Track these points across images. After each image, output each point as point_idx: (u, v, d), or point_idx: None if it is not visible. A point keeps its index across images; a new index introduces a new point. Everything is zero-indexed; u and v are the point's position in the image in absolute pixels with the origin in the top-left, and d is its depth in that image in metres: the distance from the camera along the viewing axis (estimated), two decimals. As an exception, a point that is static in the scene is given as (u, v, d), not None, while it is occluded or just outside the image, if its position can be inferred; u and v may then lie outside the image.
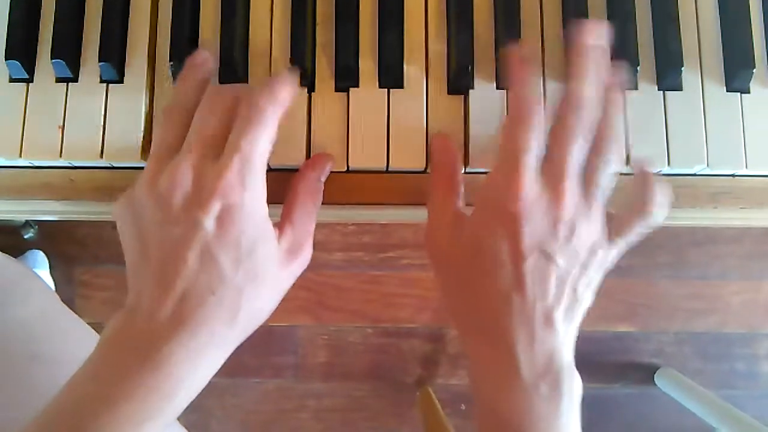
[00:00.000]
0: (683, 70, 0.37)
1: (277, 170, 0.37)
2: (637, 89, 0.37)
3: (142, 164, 0.32)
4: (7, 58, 0.36)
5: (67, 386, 0.30)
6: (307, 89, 0.37)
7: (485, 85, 0.37)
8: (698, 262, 1.19)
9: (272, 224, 0.33)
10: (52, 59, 0.36)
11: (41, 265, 1.14)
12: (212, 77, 0.36)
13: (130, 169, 0.38)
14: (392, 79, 0.37)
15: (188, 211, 0.30)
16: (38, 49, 0.37)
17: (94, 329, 0.55)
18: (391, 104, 0.37)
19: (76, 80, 0.37)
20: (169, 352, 0.29)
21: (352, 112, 0.37)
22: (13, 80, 0.37)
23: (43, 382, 0.45)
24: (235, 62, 0.36)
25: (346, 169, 0.37)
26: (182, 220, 0.30)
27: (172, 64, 0.37)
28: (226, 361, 0.32)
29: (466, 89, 0.37)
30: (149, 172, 0.32)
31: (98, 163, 0.37)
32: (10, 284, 0.51)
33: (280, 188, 0.35)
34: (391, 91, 0.37)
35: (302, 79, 0.36)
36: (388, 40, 0.37)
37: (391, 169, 0.37)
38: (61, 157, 0.36)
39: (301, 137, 0.36)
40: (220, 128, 0.32)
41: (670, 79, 0.37)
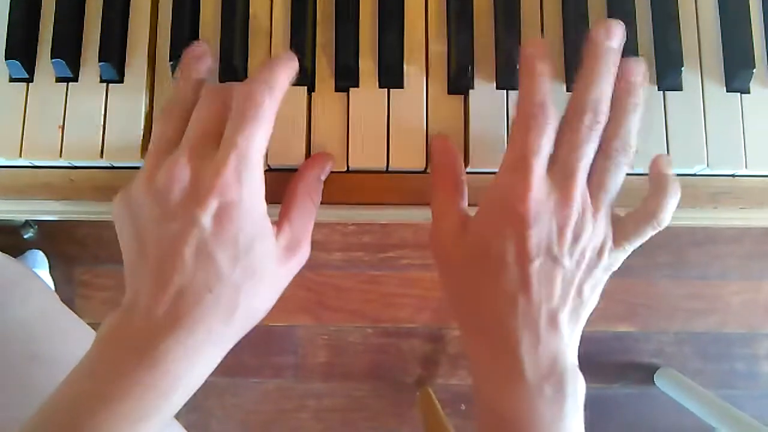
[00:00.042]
0: (683, 70, 0.37)
1: (276, 170, 0.37)
2: (637, 89, 0.37)
3: (142, 164, 0.32)
4: (7, 57, 0.36)
5: (63, 384, 0.30)
6: (307, 89, 0.37)
7: (485, 85, 0.37)
8: (698, 262, 1.19)
9: (271, 222, 0.33)
10: (52, 59, 0.36)
11: (41, 265, 1.14)
12: (212, 77, 0.36)
13: (130, 168, 0.37)
14: (392, 79, 0.37)
15: (186, 207, 0.30)
16: (38, 48, 0.37)
17: (94, 329, 0.54)
18: (391, 104, 0.37)
19: (76, 80, 0.37)
20: (166, 349, 0.29)
21: (352, 112, 0.37)
22: (13, 80, 0.37)
23: (42, 382, 0.45)
24: (235, 62, 0.36)
25: (346, 169, 0.37)
26: (180, 216, 0.30)
27: (172, 64, 0.37)
28: (225, 360, 0.32)
29: (466, 89, 0.37)
30: (147, 168, 0.32)
31: (98, 162, 0.37)
32: (9, 284, 0.51)
33: (280, 188, 0.35)
34: (391, 91, 0.37)
35: (302, 78, 0.36)
36: (388, 40, 0.37)
37: (391, 169, 0.37)
38: (61, 156, 0.36)
39: (300, 137, 0.36)
40: (218, 124, 0.31)
41: (670, 79, 0.37)
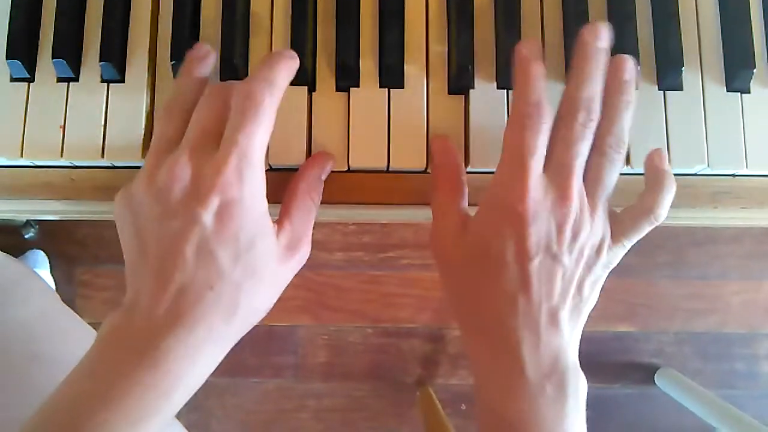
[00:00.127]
0: (683, 70, 0.37)
1: (277, 170, 0.37)
2: (637, 89, 0.37)
3: (143, 163, 0.32)
4: (8, 57, 0.36)
5: (63, 384, 0.30)
6: (307, 89, 0.37)
7: (486, 85, 0.37)
8: (698, 262, 1.19)
9: (271, 221, 0.33)
10: (53, 59, 0.36)
11: (42, 264, 1.14)
12: (213, 76, 0.36)
13: (131, 168, 0.37)
14: (393, 78, 0.37)
15: (187, 205, 0.30)
16: (39, 48, 0.37)
17: (94, 329, 0.54)
18: (391, 104, 0.37)
19: (77, 80, 0.37)
20: (166, 348, 0.29)
21: (352, 111, 0.37)
22: (14, 80, 0.37)
23: (43, 382, 0.45)
24: (235, 61, 0.36)
25: (346, 168, 0.37)
26: (180, 214, 0.30)
27: (173, 63, 0.37)
28: (226, 360, 0.32)
29: (466, 89, 0.37)
30: (148, 167, 0.32)
31: (99, 162, 0.37)
32: (10, 284, 0.51)
33: (280, 188, 0.35)
34: (391, 90, 0.37)
35: (303, 78, 0.36)
36: (388, 39, 0.37)
37: (391, 168, 0.37)
38: (62, 156, 0.36)
39: (301, 137, 0.36)
40: (219, 124, 0.31)
41: (670, 79, 0.37)
